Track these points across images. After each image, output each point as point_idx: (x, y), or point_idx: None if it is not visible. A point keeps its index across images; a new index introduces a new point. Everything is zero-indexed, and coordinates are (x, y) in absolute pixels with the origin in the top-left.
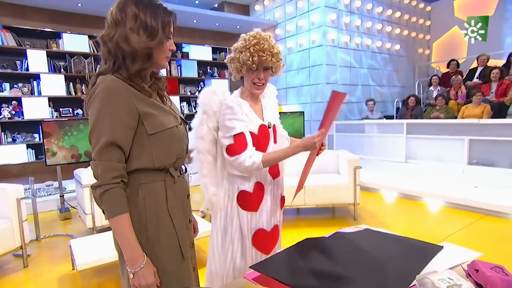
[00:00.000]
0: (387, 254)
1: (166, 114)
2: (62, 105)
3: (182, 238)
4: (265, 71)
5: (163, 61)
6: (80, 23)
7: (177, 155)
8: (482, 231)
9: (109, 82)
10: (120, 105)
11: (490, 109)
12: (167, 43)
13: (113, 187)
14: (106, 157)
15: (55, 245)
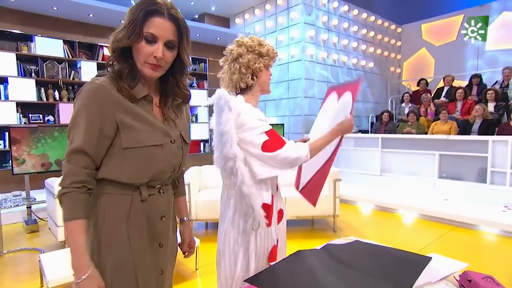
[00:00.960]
0: (379, 265)
1: (152, 130)
2: (32, 110)
3: (141, 263)
4: None
5: (142, 67)
6: (54, 27)
7: (153, 176)
8: (454, 242)
9: (94, 85)
10: (98, 111)
11: (456, 126)
12: (144, 46)
13: (72, 191)
14: (74, 160)
15: (21, 261)
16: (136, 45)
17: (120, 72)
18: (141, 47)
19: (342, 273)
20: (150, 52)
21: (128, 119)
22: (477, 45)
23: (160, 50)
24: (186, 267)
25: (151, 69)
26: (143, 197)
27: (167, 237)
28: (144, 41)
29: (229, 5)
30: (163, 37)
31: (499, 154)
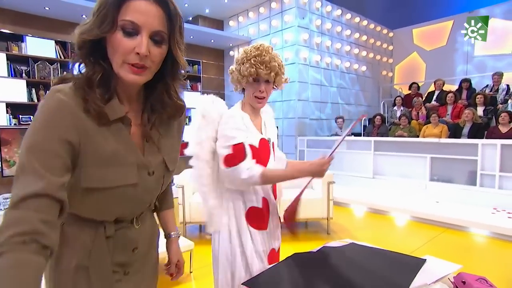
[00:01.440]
0: (375, 267)
1: (124, 165)
2: (22, 111)
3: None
4: (267, 84)
5: (120, 68)
6: (46, 27)
7: (122, 214)
8: (446, 244)
9: (54, 101)
10: (58, 133)
11: (447, 129)
12: (121, 39)
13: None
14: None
15: None
16: (110, 39)
17: (90, 79)
18: (117, 41)
19: (339, 275)
20: (130, 47)
21: (93, 150)
22: (466, 50)
23: (144, 44)
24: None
25: (133, 73)
26: (107, 234)
27: (136, 267)
28: (122, 33)
29: (223, 7)
30: (147, 26)
31: (488, 157)
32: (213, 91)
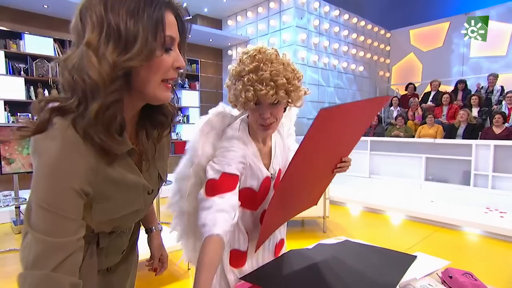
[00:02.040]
0: (368, 264)
1: (131, 193)
2: (20, 109)
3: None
4: (272, 106)
5: (158, 89)
6: (44, 25)
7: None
8: (439, 242)
9: (60, 150)
10: (71, 184)
11: (442, 129)
12: (165, 58)
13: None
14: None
15: (10, 261)
16: (151, 60)
17: (111, 121)
18: (161, 60)
19: (333, 271)
20: (170, 63)
21: (105, 187)
22: (462, 52)
23: (181, 57)
24: (179, 268)
25: (167, 90)
26: (100, 245)
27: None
28: (162, 50)
29: (222, 7)
30: (176, 39)
31: (482, 157)
32: (211, 90)
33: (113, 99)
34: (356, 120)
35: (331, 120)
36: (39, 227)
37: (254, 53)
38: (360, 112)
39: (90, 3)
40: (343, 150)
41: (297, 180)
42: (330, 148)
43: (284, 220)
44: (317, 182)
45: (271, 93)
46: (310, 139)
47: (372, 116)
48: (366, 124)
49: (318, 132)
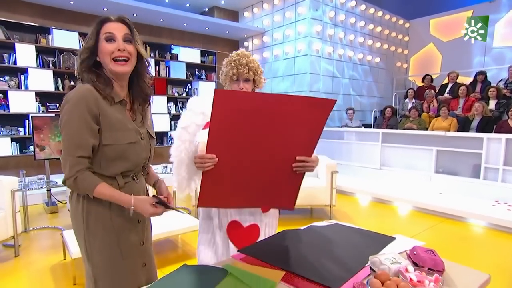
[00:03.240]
0: (350, 242)
1: (126, 130)
2: (50, 100)
3: (123, 238)
4: (246, 82)
5: (111, 65)
6: (70, 20)
7: (129, 167)
8: (443, 232)
9: (83, 89)
10: (88, 110)
11: (456, 122)
12: (106, 45)
13: (79, 174)
14: (73, 152)
15: (44, 237)
16: (100, 50)
17: (99, 80)
18: (104, 48)
19: (319, 248)
20: (113, 47)
21: (108, 120)
22: (484, 42)
23: (121, 43)
24: (190, 247)
25: (120, 65)
26: (120, 185)
27: (143, 215)
28: (105, 42)
29: None
30: (119, 33)
31: (493, 151)
32: None
33: (89, 74)
34: (292, 117)
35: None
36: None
37: (239, 52)
38: (293, 110)
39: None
40: (293, 148)
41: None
42: (262, 138)
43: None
44: (269, 175)
45: (245, 71)
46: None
47: (321, 118)
48: (316, 125)
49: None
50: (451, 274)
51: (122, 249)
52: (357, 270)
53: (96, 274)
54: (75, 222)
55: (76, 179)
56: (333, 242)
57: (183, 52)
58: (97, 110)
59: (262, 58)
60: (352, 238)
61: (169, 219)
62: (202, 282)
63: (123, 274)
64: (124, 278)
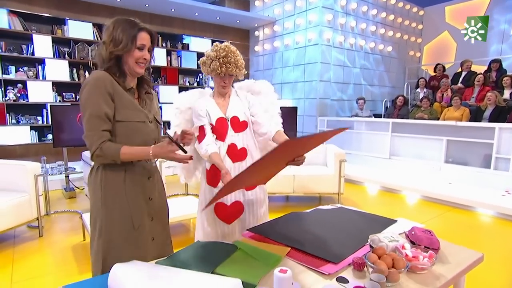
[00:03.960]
0: (353, 224)
1: (136, 110)
2: (65, 89)
3: (135, 211)
4: (230, 77)
5: (135, 67)
6: (85, 11)
7: (137, 145)
8: (449, 220)
9: (100, 73)
10: (105, 88)
11: (469, 112)
12: (137, 52)
13: (103, 145)
14: (94, 126)
15: (65, 219)
16: (130, 53)
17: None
18: (135, 54)
19: (323, 228)
20: (141, 56)
21: (120, 99)
22: (503, 29)
23: (147, 52)
24: None
25: (140, 68)
26: (133, 163)
27: (154, 193)
28: (137, 50)
29: None
30: (147, 45)
31: (505, 141)
32: None
33: (110, 64)
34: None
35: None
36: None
37: (225, 47)
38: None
39: (108, 24)
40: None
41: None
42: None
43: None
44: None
45: (234, 69)
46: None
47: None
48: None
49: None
50: (446, 252)
51: (134, 221)
52: (357, 248)
53: (105, 250)
54: (94, 196)
55: (102, 149)
56: (337, 223)
57: (194, 42)
58: (112, 89)
59: (272, 47)
60: (355, 220)
61: (182, 205)
62: (214, 256)
63: (132, 247)
64: (133, 251)
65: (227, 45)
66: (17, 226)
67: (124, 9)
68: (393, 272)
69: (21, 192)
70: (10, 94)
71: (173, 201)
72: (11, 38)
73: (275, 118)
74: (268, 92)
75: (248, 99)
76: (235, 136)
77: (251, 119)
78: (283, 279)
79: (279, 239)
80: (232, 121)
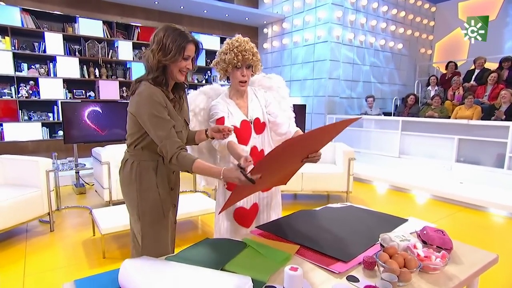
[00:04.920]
0: (363, 222)
1: (178, 121)
2: (76, 86)
3: (164, 200)
4: (247, 69)
5: (178, 75)
6: (95, 9)
7: None
8: (460, 221)
9: (153, 89)
10: (160, 101)
11: (480, 110)
12: (182, 62)
13: (179, 152)
14: (167, 136)
15: (75, 215)
16: (176, 63)
17: (161, 81)
18: (181, 64)
19: (333, 226)
20: (185, 65)
21: (170, 110)
22: None
23: (191, 64)
24: (210, 228)
25: (182, 76)
26: (164, 162)
27: (176, 184)
28: (183, 59)
29: None
30: (192, 56)
31: None
32: None
33: (158, 74)
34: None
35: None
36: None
37: (237, 38)
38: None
39: (158, 32)
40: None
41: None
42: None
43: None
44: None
45: (250, 56)
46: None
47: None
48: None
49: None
50: (459, 253)
51: (164, 209)
52: (368, 247)
53: (144, 231)
54: (129, 188)
55: (178, 157)
56: (347, 221)
57: (203, 39)
58: (164, 102)
59: (281, 44)
60: (365, 219)
61: (191, 202)
62: (223, 253)
63: (163, 230)
64: (163, 233)
65: (239, 36)
66: (29, 221)
67: (133, 6)
68: (405, 272)
69: (33, 188)
70: (22, 91)
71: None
72: (23, 36)
73: (287, 112)
74: (280, 86)
75: (265, 97)
76: (256, 138)
77: (269, 119)
78: (294, 277)
79: (288, 236)
80: (255, 123)
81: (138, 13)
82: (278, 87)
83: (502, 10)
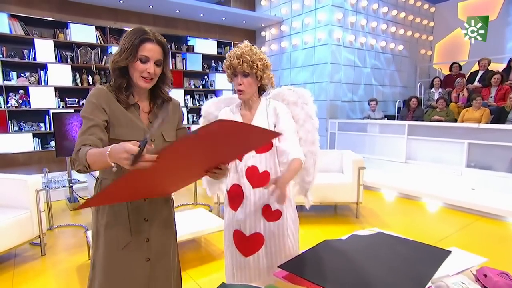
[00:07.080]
0: (401, 257)
1: (133, 128)
2: (68, 95)
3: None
4: (245, 77)
5: (139, 81)
6: (87, 14)
7: None
8: (479, 233)
9: (99, 88)
10: (99, 102)
11: (489, 113)
12: (139, 65)
13: (81, 147)
14: (80, 134)
15: (69, 235)
16: (132, 64)
17: (120, 85)
18: (137, 66)
19: (366, 263)
20: (144, 69)
21: (116, 117)
22: None
23: (152, 67)
24: (215, 247)
25: (145, 82)
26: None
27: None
28: (139, 61)
29: None
30: (153, 57)
31: None
32: None
33: (115, 78)
34: (241, 138)
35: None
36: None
37: (243, 46)
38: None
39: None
40: (221, 159)
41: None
42: (209, 151)
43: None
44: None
45: (239, 63)
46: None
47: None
48: (251, 146)
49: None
50: None
51: (131, 222)
52: None
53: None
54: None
55: (77, 153)
56: (379, 255)
57: (199, 43)
58: (107, 106)
59: (280, 48)
60: (402, 252)
61: (192, 220)
62: None
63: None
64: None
65: (246, 44)
66: (18, 246)
67: (127, 11)
68: None
69: (22, 209)
70: (12, 101)
71: (182, 214)
72: (12, 43)
73: (311, 134)
74: (307, 102)
75: (277, 111)
76: (256, 157)
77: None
78: None
79: (316, 279)
80: None
81: (132, 17)
82: (303, 103)
83: (503, 10)
